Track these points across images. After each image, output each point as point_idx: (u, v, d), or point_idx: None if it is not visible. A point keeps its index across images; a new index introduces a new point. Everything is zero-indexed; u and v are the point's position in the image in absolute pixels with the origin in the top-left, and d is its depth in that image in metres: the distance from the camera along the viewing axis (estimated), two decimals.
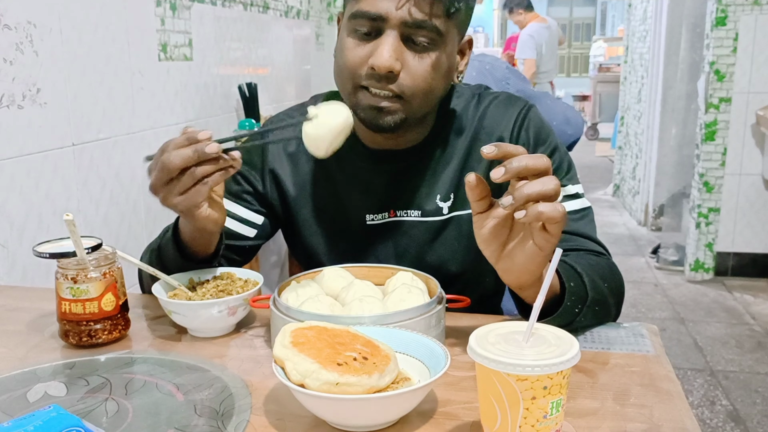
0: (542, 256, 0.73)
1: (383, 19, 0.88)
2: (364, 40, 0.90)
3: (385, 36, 0.88)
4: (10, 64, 1.35)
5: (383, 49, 0.87)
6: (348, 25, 0.92)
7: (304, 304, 0.82)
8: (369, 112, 0.92)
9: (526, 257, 0.73)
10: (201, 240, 0.93)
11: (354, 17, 0.90)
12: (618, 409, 0.70)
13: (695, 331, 3.03)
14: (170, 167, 0.78)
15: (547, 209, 0.68)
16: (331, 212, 1.06)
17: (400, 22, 0.87)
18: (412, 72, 0.90)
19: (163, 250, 0.96)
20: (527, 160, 0.68)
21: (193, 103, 2.14)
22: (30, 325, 0.94)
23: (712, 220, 3.61)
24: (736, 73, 3.44)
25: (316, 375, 0.62)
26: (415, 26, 0.88)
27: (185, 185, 0.80)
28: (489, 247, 0.75)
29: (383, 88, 0.90)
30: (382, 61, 0.87)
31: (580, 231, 0.98)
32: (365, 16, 0.88)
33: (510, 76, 1.89)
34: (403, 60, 0.89)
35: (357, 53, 0.91)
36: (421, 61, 0.90)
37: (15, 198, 1.37)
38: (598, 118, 8.84)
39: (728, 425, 2.27)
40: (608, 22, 15.23)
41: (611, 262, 0.97)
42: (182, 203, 0.81)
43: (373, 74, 0.89)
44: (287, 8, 3.00)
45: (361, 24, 0.89)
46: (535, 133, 1.02)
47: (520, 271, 0.75)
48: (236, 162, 0.82)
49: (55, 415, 0.57)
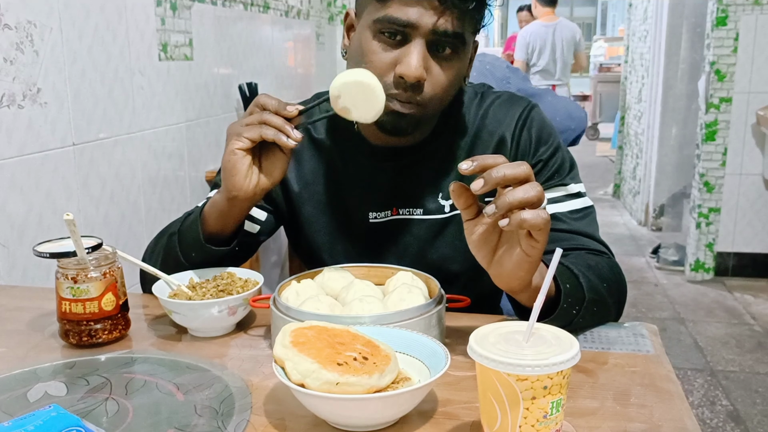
0: (530, 262, 0.73)
1: (413, 27, 0.87)
2: (391, 45, 0.90)
3: (413, 44, 0.88)
4: (11, 64, 1.35)
5: (413, 58, 0.87)
6: (373, 27, 0.90)
7: (304, 304, 0.82)
8: (390, 117, 0.91)
9: (514, 264, 0.74)
10: (229, 213, 0.93)
11: (381, 21, 0.89)
12: (618, 409, 0.69)
13: (695, 331, 3.03)
14: (257, 101, 0.88)
15: (530, 216, 0.68)
16: (334, 209, 1.07)
17: (430, 30, 0.87)
18: (435, 81, 0.90)
19: (185, 232, 0.96)
20: (506, 170, 0.69)
21: (194, 102, 2.14)
22: (30, 324, 0.94)
23: (712, 220, 3.61)
24: (736, 73, 3.44)
25: (316, 375, 0.62)
26: (443, 35, 0.88)
27: (251, 119, 0.87)
28: (480, 252, 0.76)
29: (409, 99, 0.90)
30: (412, 71, 0.87)
31: (581, 230, 0.98)
32: (395, 22, 0.88)
33: (510, 75, 1.89)
34: (428, 68, 0.89)
35: (383, 59, 0.90)
36: (444, 71, 0.90)
37: (15, 198, 1.37)
38: (598, 118, 8.83)
39: (728, 425, 2.27)
40: (609, 22, 15.24)
41: (612, 261, 0.97)
42: (234, 129, 0.88)
43: (400, 83, 0.89)
44: (287, 8, 3.00)
45: (389, 28, 0.89)
46: (537, 133, 1.02)
47: (509, 277, 0.76)
48: (294, 137, 0.86)
49: (55, 414, 0.57)
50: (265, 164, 0.89)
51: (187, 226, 0.96)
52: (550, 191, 0.99)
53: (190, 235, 0.95)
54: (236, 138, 0.87)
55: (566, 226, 0.97)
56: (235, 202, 0.91)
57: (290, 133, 0.85)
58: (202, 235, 0.94)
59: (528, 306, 0.81)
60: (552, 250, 0.66)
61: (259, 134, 0.86)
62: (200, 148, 2.19)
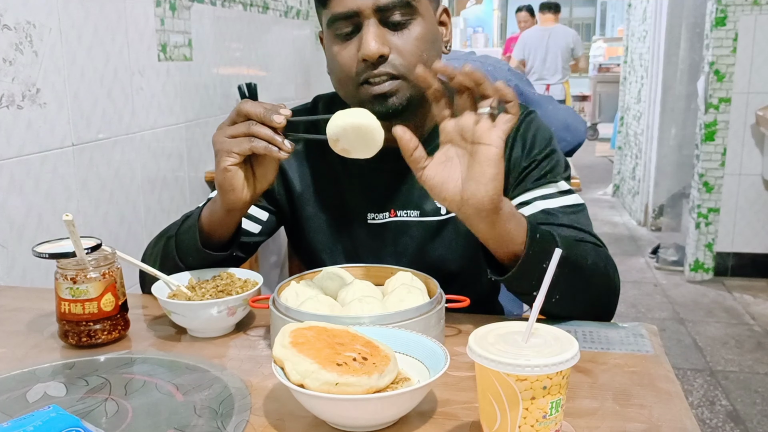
0: (495, 155, 0.75)
1: (357, 14, 0.90)
2: (348, 40, 0.93)
3: (364, 28, 0.91)
4: (10, 65, 1.35)
5: (368, 38, 0.90)
6: (329, 34, 0.95)
7: (304, 305, 0.82)
8: (375, 101, 0.93)
9: (482, 165, 0.75)
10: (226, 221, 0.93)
11: (331, 23, 0.93)
12: (617, 409, 0.70)
13: (695, 331, 3.03)
14: (239, 111, 0.85)
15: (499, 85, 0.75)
16: (333, 210, 1.07)
17: (373, 9, 0.90)
18: (401, 49, 0.92)
19: (182, 235, 0.96)
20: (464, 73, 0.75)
21: (193, 103, 2.14)
22: (29, 325, 0.94)
23: (711, 220, 3.61)
24: (735, 74, 3.44)
25: (316, 375, 0.62)
26: (387, 8, 0.90)
27: (237, 130, 0.85)
28: (445, 186, 0.78)
29: (381, 74, 0.92)
30: (370, 49, 0.89)
31: (575, 224, 0.98)
32: (340, 17, 0.91)
33: (512, 78, 1.89)
34: (388, 43, 0.91)
35: (346, 54, 0.93)
36: (405, 37, 0.92)
37: (15, 198, 1.37)
38: (597, 119, 8.84)
39: (728, 425, 2.27)
40: (608, 23, 15.23)
41: (604, 251, 0.97)
42: (222, 145, 0.85)
43: (366, 66, 0.91)
44: (287, 8, 3.00)
45: (340, 26, 0.92)
46: (531, 137, 1.03)
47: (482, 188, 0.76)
48: (286, 149, 0.85)
49: (54, 415, 0.57)
50: (259, 171, 0.89)
51: (185, 231, 0.96)
52: (542, 188, 1.00)
53: (188, 240, 0.95)
54: (226, 154, 0.85)
55: (560, 220, 0.97)
56: (234, 213, 0.92)
57: (281, 145, 0.84)
58: (200, 240, 0.94)
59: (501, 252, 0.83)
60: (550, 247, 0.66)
61: (248, 148, 0.84)
62: (199, 148, 2.19)
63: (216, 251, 0.95)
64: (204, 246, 0.94)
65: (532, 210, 0.99)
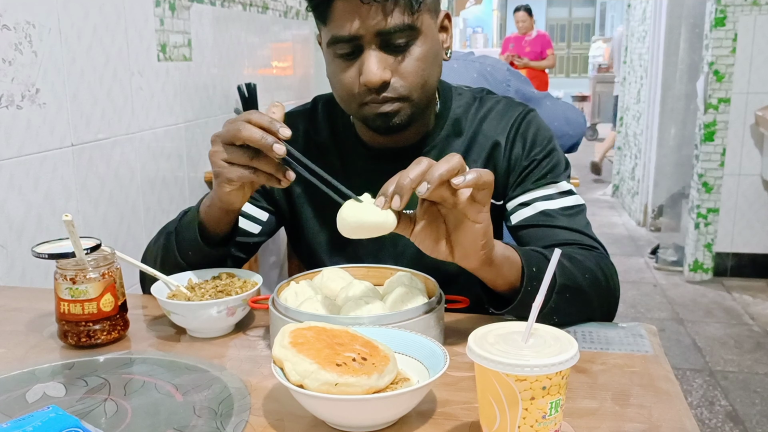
0: (482, 230, 0.74)
1: (358, 38, 0.89)
2: (349, 60, 0.92)
3: (366, 53, 0.90)
4: (9, 65, 1.35)
5: (369, 66, 0.89)
6: (329, 51, 0.94)
7: (303, 305, 0.82)
8: (378, 120, 0.93)
9: (470, 239, 0.74)
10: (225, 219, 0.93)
11: (331, 43, 0.92)
12: (617, 409, 0.70)
13: (694, 332, 3.03)
14: (236, 135, 0.79)
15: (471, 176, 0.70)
16: (333, 210, 1.07)
17: (374, 34, 0.88)
18: (403, 73, 0.91)
19: (182, 231, 0.96)
20: (441, 167, 0.69)
21: (193, 103, 2.14)
22: (29, 325, 0.94)
23: (711, 220, 3.61)
24: (735, 74, 3.44)
25: (315, 375, 0.62)
26: (389, 33, 0.89)
27: (235, 158, 0.81)
28: (436, 248, 0.76)
29: (385, 99, 0.91)
30: (372, 77, 0.89)
31: (574, 226, 0.98)
32: (341, 40, 0.90)
33: (511, 78, 1.89)
34: (390, 67, 0.91)
35: (347, 76, 0.92)
36: (407, 61, 0.91)
37: (14, 198, 1.37)
38: (597, 119, 8.83)
39: (727, 425, 2.27)
40: (607, 23, 15.26)
41: (603, 256, 0.96)
42: (222, 170, 0.82)
43: (369, 91, 0.91)
44: (286, 8, 3.00)
45: (340, 48, 0.91)
46: (531, 137, 1.03)
47: (474, 256, 0.76)
48: (286, 180, 0.83)
49: (53, 415, 0.57)
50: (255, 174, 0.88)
51: (184, 226, 0.97)
52: (542, 189, 1.00)
53: (187, 235, 0.95)
54: (227, 182, 0.84)
55: (559, 223, 0.97)
56: (231, 213, 0.92)
57: (282, 178, 0.83)
58: (199, 235, 0.94)
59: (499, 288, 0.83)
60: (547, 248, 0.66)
61: (250, 179, 0.83)
62: (199, 148, 2.19)
63: (215, 246, 0.95)
64: (203, 240, 0.94)
65: (531, 211, 0.99)
